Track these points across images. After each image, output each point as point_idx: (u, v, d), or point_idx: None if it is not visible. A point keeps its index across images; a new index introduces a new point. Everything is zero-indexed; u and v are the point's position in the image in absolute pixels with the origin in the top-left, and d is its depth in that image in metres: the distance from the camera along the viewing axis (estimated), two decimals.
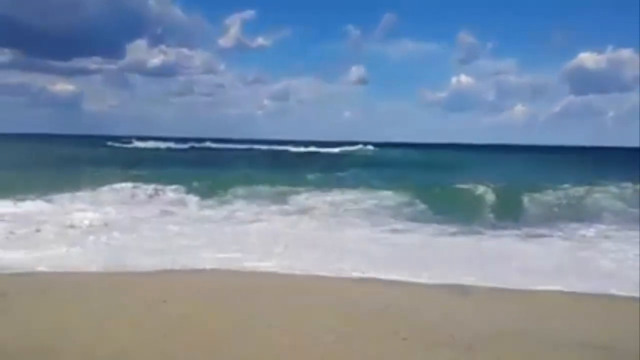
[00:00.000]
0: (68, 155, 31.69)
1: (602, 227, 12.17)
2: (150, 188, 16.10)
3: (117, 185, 16.12)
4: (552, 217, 13.17)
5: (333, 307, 5.84)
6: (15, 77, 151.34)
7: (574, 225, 12.27)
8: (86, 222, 11.10)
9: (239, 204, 14.37)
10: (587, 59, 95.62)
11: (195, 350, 4.49)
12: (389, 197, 14.71)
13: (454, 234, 11.21)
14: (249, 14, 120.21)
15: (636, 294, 6.50)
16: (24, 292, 6.15)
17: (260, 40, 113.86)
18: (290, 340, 4.72)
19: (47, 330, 4.91)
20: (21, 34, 79.10)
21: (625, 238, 10.82)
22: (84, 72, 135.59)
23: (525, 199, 14.76)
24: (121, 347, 4.47)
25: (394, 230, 11.55)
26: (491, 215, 13.45)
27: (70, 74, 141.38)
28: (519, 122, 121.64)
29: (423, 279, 7.23)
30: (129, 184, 16.29)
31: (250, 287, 6.73)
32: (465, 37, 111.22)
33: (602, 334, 5.15)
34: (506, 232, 11.53)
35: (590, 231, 11.68)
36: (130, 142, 59.56)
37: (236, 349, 4.57)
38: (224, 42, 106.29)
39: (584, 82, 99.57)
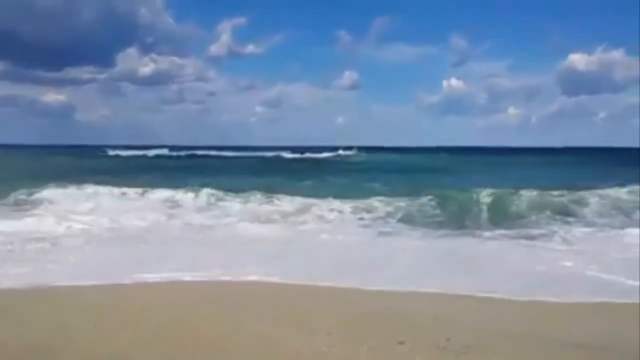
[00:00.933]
0: (60, 164, 31.53)
1: (597, 228, 12.14)
2: (140, 196, 16.03)
3: (107, 194, 16.04)
4: (545, 219, 13.13)
5: (330, 312, 5.79)
6: (6, 89, 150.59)
7: (567, 227, 12.27)
8: (76, 232, 11.00)
9: (231, 211, 14.30)
10: (578, 60, 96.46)
11: (195, 354, 4.47)
12: (382, 201, 14.67)
13: (448, 238, 11.19)
14: (240, 20, 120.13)
15: (631, 298, 6.47)
16: (20, 305, 6.03)
17: (251, 47, 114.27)
18: (288, 345, 4.69)
19: (47, 331, 4.92)
20: (11, 44, 78.89)
21: (622, 239, 10.83)
22: (75, 82, 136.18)
23: (519, 202, 14.72)
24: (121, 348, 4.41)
25: (388, 234, 11.52)
26: (485, 219, 13.42)
27: (61, 84, 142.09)
28: (512, 124, 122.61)
29: (418, 283, 7.17)
30: (119, 193, 16.22)
31: (246, 294, 6.67)
32: (458, 40, 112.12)
33: (599, 336, 5.12)
34: (500, 235, 11.48)
35: (584, 232, 11.63)
36: (121, 151, 59.41)
37: (235, 353, 4.54)
38: (216, 49, 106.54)
39: (575, 83, 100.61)
